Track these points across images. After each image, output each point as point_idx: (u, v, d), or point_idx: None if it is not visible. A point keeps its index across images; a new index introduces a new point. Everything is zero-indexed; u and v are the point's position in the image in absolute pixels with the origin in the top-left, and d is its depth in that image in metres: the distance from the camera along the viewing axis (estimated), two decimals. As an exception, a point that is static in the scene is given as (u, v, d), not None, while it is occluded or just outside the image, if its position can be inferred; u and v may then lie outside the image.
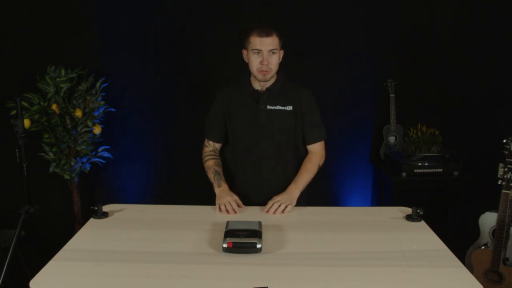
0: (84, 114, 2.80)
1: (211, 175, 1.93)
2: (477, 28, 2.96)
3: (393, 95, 2.98)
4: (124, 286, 1.23)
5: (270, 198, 1.85)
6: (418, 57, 3.04)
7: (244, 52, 1.90)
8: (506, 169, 2.32)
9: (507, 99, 3.02)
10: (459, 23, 2.97)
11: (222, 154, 2.06)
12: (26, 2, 2.87)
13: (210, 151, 2.02)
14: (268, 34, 1.81)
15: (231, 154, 2.01)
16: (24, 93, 2.69)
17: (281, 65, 1.95)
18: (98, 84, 2.83)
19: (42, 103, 2.73)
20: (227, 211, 1.75)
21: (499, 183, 2.35)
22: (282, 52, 1.91)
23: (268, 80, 1.89)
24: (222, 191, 1.86)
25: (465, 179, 2.83)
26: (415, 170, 2.79)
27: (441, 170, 2.80)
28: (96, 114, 2.85)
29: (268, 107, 1.90)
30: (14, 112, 2.53)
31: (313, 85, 3.03)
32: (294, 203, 1.82)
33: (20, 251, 2.47)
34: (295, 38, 2.97)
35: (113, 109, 2.97)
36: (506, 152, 2.31)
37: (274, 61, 1.84)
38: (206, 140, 2.04)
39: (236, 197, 1.82)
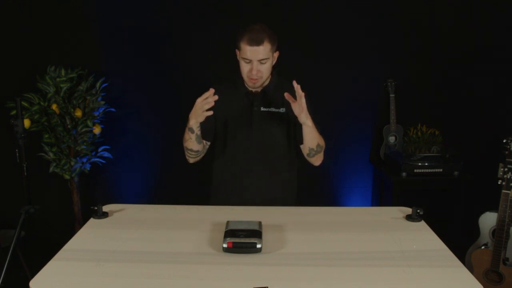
0: (84, 114, 2.81)
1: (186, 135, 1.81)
2: (477, 28, 2.96)
3: (393, 95, 2.99)
4: (124, 286, 1.23)
5: (262, 200, 1.83)
6: (418, 57, 3.04)
7: (237, 52, 1.83)
8: (506, 169, 2.32)
9: (507, 99, 3.02)
10: (459, 23, 2.97)
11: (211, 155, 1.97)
12: (26, 2, 2.87)
13: None
14: (258, 43, 1.71)
15: (222, 156, 1.95)
16: (24, 93, 2.69)
17: (279, 64, 1.90)
18: (98, 84, 2.84)
19: (42, 103, 2.73)
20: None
21: (499, 183, 2.35)
22: (276, 54, 1.84)
23: (258, 87, 1.85)
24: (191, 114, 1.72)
25: (465, 179, 2.83)
26: (415, 170, 2.79)
27: (441, 170, 2.80)
28: (96, 114, 2.85)
29: (262, 109, 1.87)
30: (14, 112, 2.53)
31: (313, 85, 3.04)
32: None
33: (20, 251, 2.46)
34: (295, 38, 2.98)
35: (113, 109, 2.97)
36: (506, 152, 2.31)
37: (265, 69, 1.78)
38: None
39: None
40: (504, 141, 2.31)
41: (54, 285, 1.23)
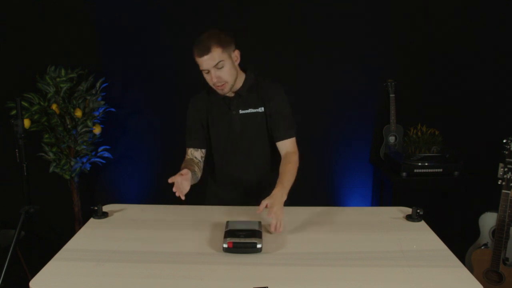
0: (84, 114, 2.81)
1: None
2: (477, 28, 2.96)
3: (393, 95, 2.98)
4: (124, 286, 1.23)
5: (252, 201, 1.77)
6: (418, 57, 3.04)
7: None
8: (506, 169, 2.32)
9: (507, 99, 3.02)
10: (459, 23, 2.97)
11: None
12: (27, 2, 2.87)
13: (186, 160, 1.85)
14: (205, 52, 1.65)
15: (208, 162, 1.93)
16: (24, 93, 2.69)
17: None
18: (98, 84, 2.84)
19: (42, 103, 2.73)
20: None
21: (499, 183, 2.35)
22: (236, 53, 1.75)
23: (228, 92, 1.79)
24: None
25: (465, 179, 2.83)
26: (415, 170, 2.79)
27: (441, 170, 2.80)
28: (96, 114, 2.85)
29: (241, 111, 1.83)
30: (14, 112, 2.53)
31: (313, 85, 3.06)
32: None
33: (20, 251, 2.47)
34: (295, 38, 2.98)
35: (113, 109, 2.98)
36: (506, 152, 2.31)
37: (225, 73, 1.70)
38: (187, 149, 1.88)
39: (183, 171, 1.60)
40: (504, 141, 2.31)
41: (54, 285, 1.23)
